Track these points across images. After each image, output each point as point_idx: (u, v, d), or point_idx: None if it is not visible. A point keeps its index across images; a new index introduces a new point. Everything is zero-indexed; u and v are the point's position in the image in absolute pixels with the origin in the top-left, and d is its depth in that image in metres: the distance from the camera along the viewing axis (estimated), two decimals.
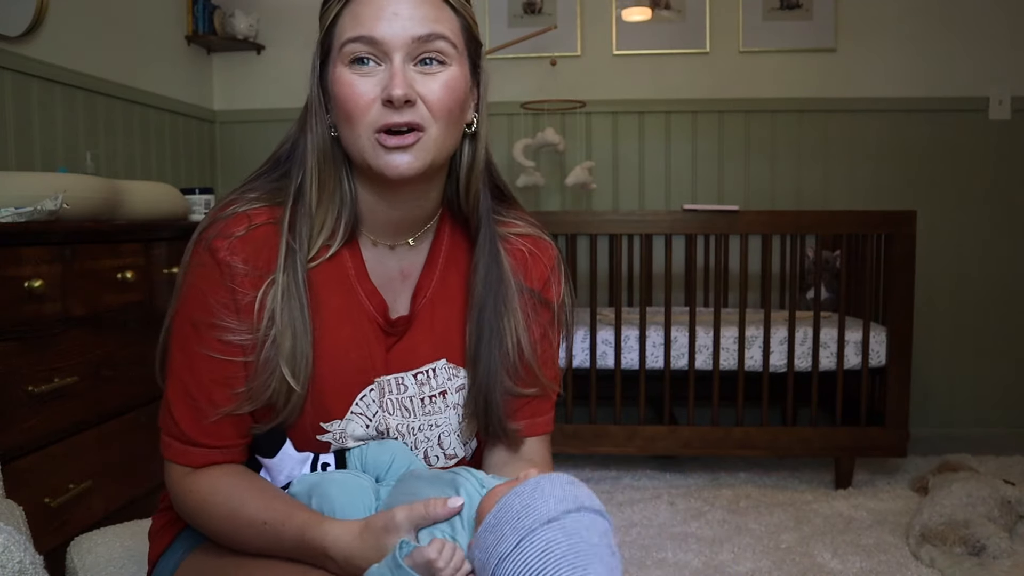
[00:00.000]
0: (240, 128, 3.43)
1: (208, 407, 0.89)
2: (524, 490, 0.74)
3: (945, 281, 3.28)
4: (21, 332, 1.57)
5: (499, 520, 0.73)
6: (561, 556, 0.68)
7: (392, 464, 0.93)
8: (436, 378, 0.97)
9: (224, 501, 0.88)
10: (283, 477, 0.94)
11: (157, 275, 2.06)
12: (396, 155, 0.86)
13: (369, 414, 0.94)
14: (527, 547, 0.69)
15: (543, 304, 1.00)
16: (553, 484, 0.74)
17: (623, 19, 3.30)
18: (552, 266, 1.02)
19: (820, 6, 3.25)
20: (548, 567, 0.68)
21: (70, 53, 2.42)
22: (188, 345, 0.89)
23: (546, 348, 1.00)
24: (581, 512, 0.72)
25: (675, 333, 2.76)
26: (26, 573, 0.81)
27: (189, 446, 0.90)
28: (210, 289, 0.88)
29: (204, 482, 0.90)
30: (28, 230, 1.58)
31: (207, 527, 0.91)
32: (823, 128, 3.30)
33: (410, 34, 0.85)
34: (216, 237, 0.88)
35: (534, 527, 0.70)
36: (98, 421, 1.82)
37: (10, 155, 2.18)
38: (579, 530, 0.70)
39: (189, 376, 0.89)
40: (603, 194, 3.36)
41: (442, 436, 0.97)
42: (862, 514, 2.47)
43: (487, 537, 0.73)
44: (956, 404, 3.32)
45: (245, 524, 0.87)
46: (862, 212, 2.72)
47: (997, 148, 3.24)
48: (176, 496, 0.92)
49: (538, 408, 1.01)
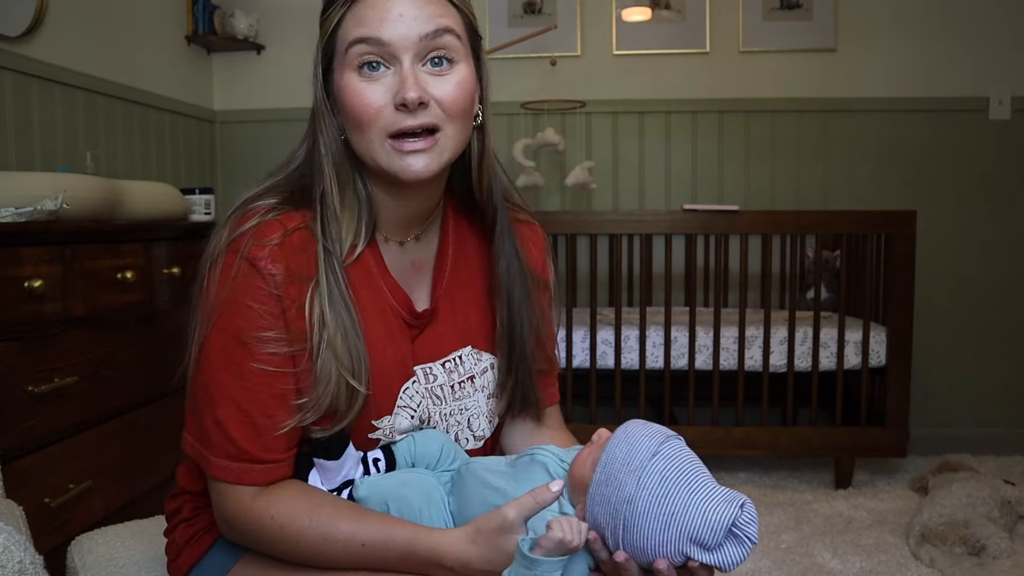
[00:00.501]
0: (240, 128, 3.43)
1: (266, 422, 0.86)
2: (618, 441, 0.83)
3: (945, 281, 3.28)
4: (21, 332, 1.57)
5: (609, 473, 0.81)
6: (676, 477, 0.79)
7: (441, 454, 0.95)
8: (463, 364, 1.00)
9: (310, 526, 0.85)
10: (340, 478, 0.93)
11: (157, 275, 2.06)
12: (412, 158, 0.86)
13: (413, 405, 0.96)
14: (646, 481, 0.79)
15: (543, 285, 1.06)
16: (637, 427, 0.85)
17: (623, 19, 3.30)
18: (544, 247, 1.09)
19: (820, 6, 3.25)
20: (670, 489, 0.78)
21: (70, 53, 2.42)
22: (236, 361, 0.85)
23: (549, 326, 1.07)
24: (670, 440, 0.83)
25: (675, 333, 2.76)
26: (26, 573, 0.81)
27: (252, 464, 0.87)
28: (255, 300, 0.85)
29: (280, 508, 0.86)
30: (28, 230, 1.58)
31: (289, 553, 0.87)
32: (823, 128, 3.30)
33: (417, 33, 0.85)
34: (253, 246, 0.86)
35: (644, 464, 0.80)
36: (98, 421, 1.82)
37: (10, 155, 2.18)
38: (677, 453, 0.82)
39: (242, 393, 0.85)
40: (603, 194, 3.36)
41: (471, 419, 1.01)
42: (862, 514, 2.47)
43: (604, 491, 0.81)
44: (956, 404, 3.32)
45: (341, 548, 0.85)
46: (862, 212, 2.72)
47: (997, 148, 3.24)
48: (245, 523, 0.87)
49: (549, 380, 1.08)
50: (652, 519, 0.78)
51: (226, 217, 0.91)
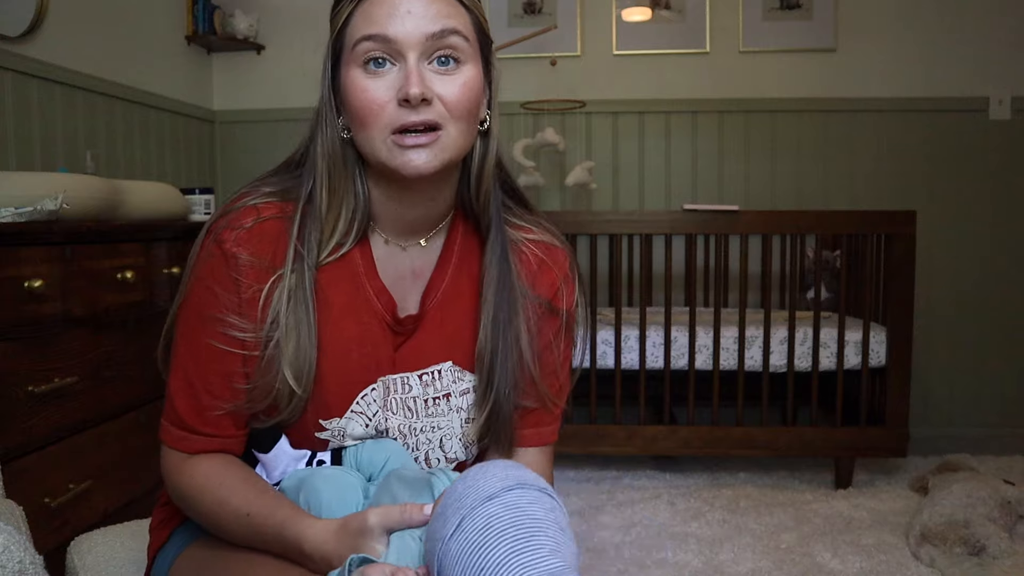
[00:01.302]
0: (240, 128, 3.43)
1: (207, 397, 0.89)
2: (468, 474, 0.75)
3: (945, 281, 3.28)
4: (21, 332, 1.57)
5: (444, 506, 0.74)
6: (502, 529, 0.68)
7: (386, 464, 0.92)
8: (441, 380, 0.96)
9: (213, 489, 0.89)
10: (278, 473, 0.94)
11: (157, 275, 2.06)
12: (413, 153, 0.85)
13: (369, 413, 0.93)
14: (468, 524, 0.69)
15: (551, 313, 0.98)
16: (496, 466, 0.75)
17: (623, 19, 3.30)
18: (564, 274, 1.00)
19: (820, 6, 3.25)
20: (490, 539, 0.68)
21: (70, 53, 2.42)
22: (192, 335, 0.90)
23: (549, 359, 0.98)
24: (524, 488, 0.72)
25: (675, 333, 2.76)
26: (26, 573, 0.81)
27: (188, 433, 0.91)
28: (215, 280, 0.89)
29: (198, 470, 0.90)
30: (28, 230, 1.58)
31: (196, 514, 0.92)
32: (823, 128, 3.30)
33: (424, 31, 0.84)
34: (224, 228, 0.89)
35: (474, 506, 0.70)
36: (98, 421, 1.82)
37: (10, 155, 2.18)
38: (521, 504, 0.70)
39: (192, 365, 0.90)
40: (603, 194, 3.36)
41: (444, 439, 0.96)
42: (862, 514, 2.47)
43: (434, 524, 0.74)
44: (956, 404, 3.32)
45: (231, 515, 0.87)
46: (862, 212, 2.72)
47: (997, 148, 3.24)
48: (170, 481, 0.93)
49: (541, 419, 1.00)
50: (460, 570, 0.68)
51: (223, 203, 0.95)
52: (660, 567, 2.12)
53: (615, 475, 2.86)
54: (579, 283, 1.02)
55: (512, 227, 0.99)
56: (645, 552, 2.21)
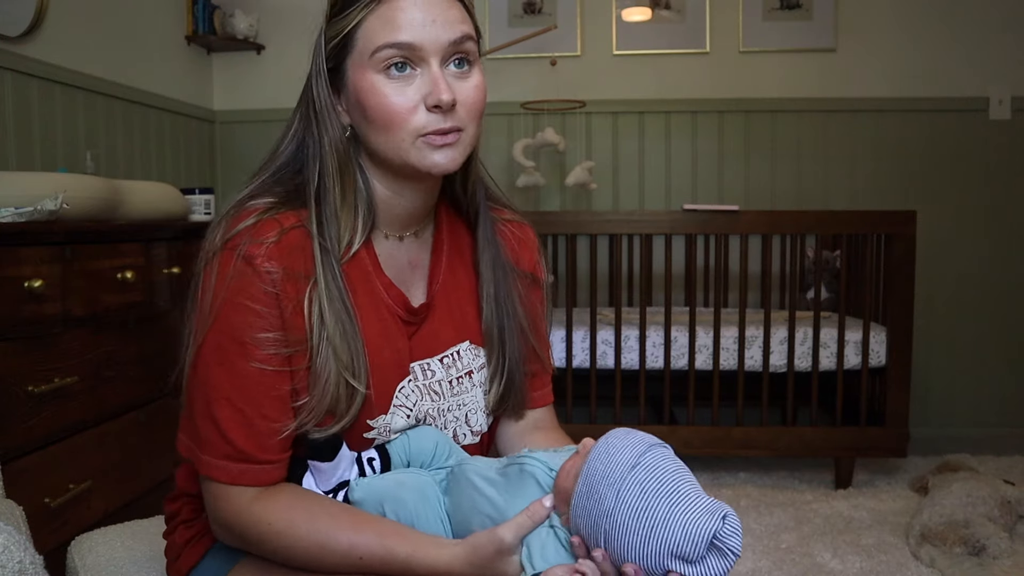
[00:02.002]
0: (240, 128, 3.43)
1: (262, 422, 0.86)
2: (599, 452, 0.82)
3: (945, 281, 3.28)
4: (21, 332, 1.57)
5: (590, 485, 0.80)
6: (656, 489, 0.77)
7: (436, 450, 0.95)
8: (461, 359, 1.01)
9: (308, 535, 0.85)
10: (335, 479, 0.93)
11: (157, 275, 2.06)
12: (440, 153, 0.88)
13: (409, 405, 0.96)
14: (625, 494, 0.77)
15: (535, 284, 1.07)
16: (619, 438, 0.83)
17: (623, 19, 3.30)
18: (537, 248, 1.09)
19: (820, 6, 3.25)
20: (650, 501, 0.77)
21: (70, 53, 2.42)
22: (233, 360, 0.85)
23: (541, 326, 1.07)
24: (653, 449, 0.82)
25: (675, 333, 2.76)
26: (26, 573, 0.81)
27: (248, 464, 0.86)
28: (252, 299, 0.85)
29: (277, 513, 0.86)
30: (28, 230, 1.58)
31: (285, 559, 0.87)
32: (823, 128, 3.30)
33: (446, 38, 0.87)
34: (249, 244, 0.85)
35: (624, 476, 0.78)
36: (98, 421, 1.82)
37: (10, 155, 2.18)
38: (659, 463, 0.80)
39: (238, 393, 0.85)
40: (603, 194, 3.36)
41: (469, 414, 1.01)
42: (862, 514, 2.47)
43: (585, 503, 0.80)
44: (956, 404, 3.32)
45: (339, 560, 0.85)
46: (862, 212, 2.72)
47: (997, 148, 3.24)
48: (241, 526, 0.87)
49: (543, 381, 1.09)
50: (632, 533, 0.76)
51: (221, 216, 0.91)
52: None
53: None
54: (542, 254, 1.11)
55: (491, 210, 1.05)
56: None
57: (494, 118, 3.33)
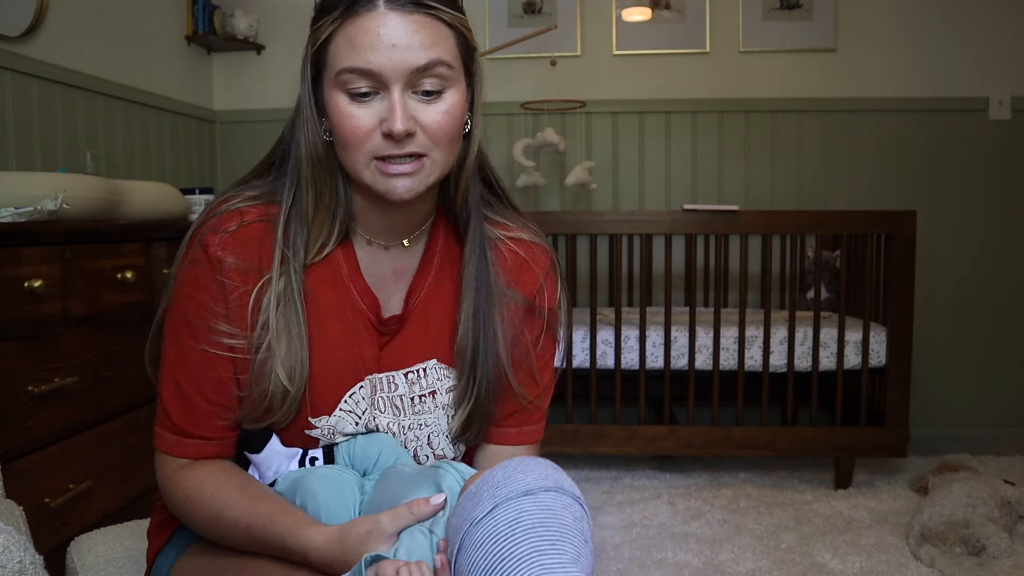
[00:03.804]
0: (240, 128, 3.43)
1: (200, 400, 0.90)
2: (509, 465, 0.77)
3: (945, 281, 3.28)
4: (21, 332, 1.57)
5: (479, 488, 0.76)
6: (531, 527, 0.70)
7: (379, 457, 0.93)
8: (426, 378, 0.97)
9: (209, 501, 0.89)
10: (271, 473, 0.94)
11: (157, 275, 2.06)
12: (397, 180, 0.86)
13: (359, 411, 0.94)
14: (500, 513, 0.71)
15: (532, 313, 0.99)
16: (537, 464, 0.77)
17: (623, 19, 3.30)
18: (546, 272, 1.00)
19: (820, 6, 3.25)
20: (517, 533, 0.70)
21: (70, 53, 2.42)
22: (180, 339, 0.90)
23: (527, 363, 0.99)
24: (560, 492, 0.74)
25: (675, 333, 2.76)
26: (26, 573, 0.81)
27: (181, 437, 0.91)
28: (201, 285, 0.89)
29: (192, 480, 0.90)
30: (28, 230, 1.58)
31: (194, 525, 0.92)
32: (823, 128, 3.30)
33: (409, 65, 0.83)
34: (208, 233, 0.89)
35: (511, 496, 0.72)
36: (98, 421, 1.82)
37: (10, 155, 2.18)
38: (553, 507, 0.72)
39: (181, 370, 0.90)
40: (603, 194, 3.36)
41: (431, 436, 0.97)
42: (862, 514, 2.47)
43: (465, 504, 0.76)
44: (956, 404, 3.32)
45: (230, 526, 0.88)
46: (862, 212, 2.72)
47: (997, 148, 3.24)
48: (165, 490, 0.93)
49: (527, 417, 1.01)
50: (482, 554, 0.70)
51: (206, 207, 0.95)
52: (660, 567, 2.12)
53: (615, 475, 2.86)
54: (561, 281, 1.02)
55: (492, 224, 0.99)
56: (645, 552, 2.21)
57: (494, 118, 3.33)
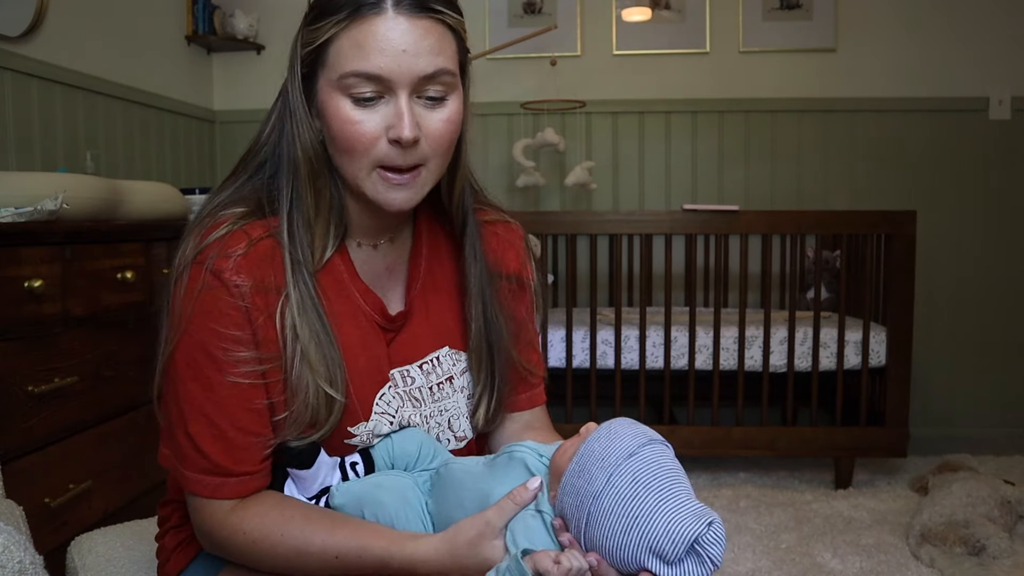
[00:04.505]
0: (240, 128, 3.43)
1: (238, 435, 0.86)
2: (600, 435, 0.81)
3: (945, 281, 3.28)
4: (21, 332, 1.57)
5: (584, 464, 0.79)
6: (648, 481, 0.76)
7: (420, 451, 0.94)
8: (441, 365, 0.99)
9: (282, 540, 0.85)
10: (316, 485, 0.92)
11: (157, 275, 2.06)
12: (396, 191, 0.87)
13: (391, 411, 0.95)
14: (617, 480, 0.76)
15: (522, 287, 1.04)
16: (623, 425, 0.82)
17: (623, 19, 3.30)
18: (523, 247, 1.06)
19: (820, 6, 3.25)
20: (639, 491, 0.75)
21: (70, 53, 2.42)
22: (203, 373, 0.85)
23: (529, 331, 1.04)
24: (654, 443, 0.80)
25: (675, 333, 2.75)
26: (26, 573, 0.81)
27: (225, 478, 0.86)
28: (222, 313, 0.84)
29: (252, 522, 0.86)
30: (28, 230, 1.58)
31: (269, 567, 0.87)
32: (823, 128, 3.30)
33: (417, 72, 0.83)
34: (218, 258, 0.85)
35: (619, 462, 0.77)
36: (98, 421, 1.82)
37: (10, 155, 2.18)
38: (657, 458, 0.79)
39: (211, 406, 0.85)
40: (603, 194, 3.36)
41: (451, 420, 0.99)
42: (862, 514, 2.47)
43: (576, 482, 0.79)
44: (956, 404, 3.32)
45: (315, 561, 0.85)
46: (862, 212, 2.72)
47: (997, 148, 3.24)
48: (218, 536, 0.88)
49: (532, 382, 1.06)
50: (615, 519, 0.75)
51: (191, 226, 0.90)
52: None
53: None
54: (530, 255, 1.07)
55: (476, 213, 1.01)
56: None
57: (494, 118, 3.33)
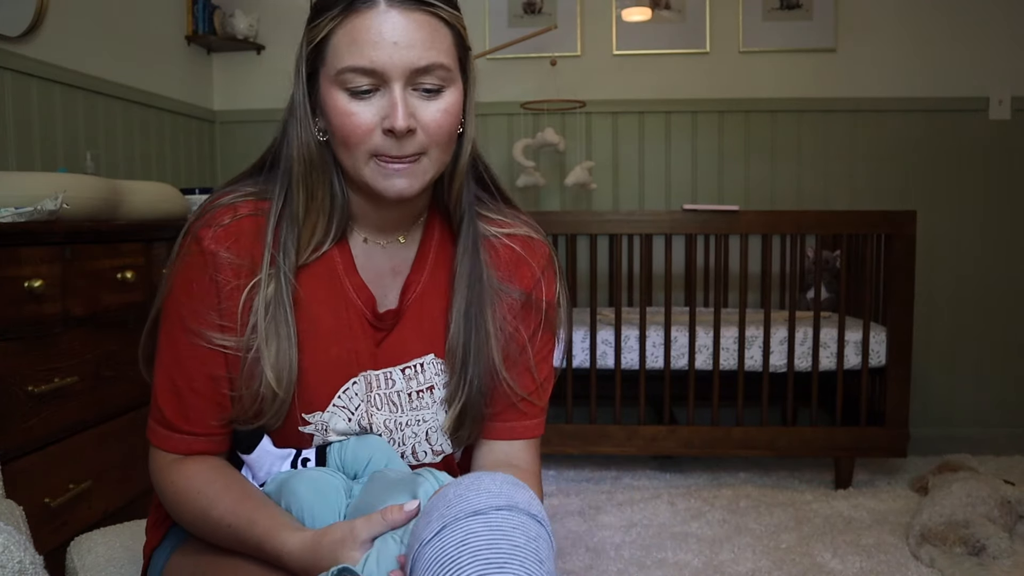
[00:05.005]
0: (240, 128, 3.43)
1: (191, 396, 0.90)
2: (462, 482, 0.75)
3: (945, 281, 3.28)
4: (21, 332, 1.57)
5: (431, 507, 0.74)
6: (478, 549, 0.67)
7: (371, 461, 0.93)
8: (423, 373, 0.97)
9: (196, 498, 0.89)
10: (263, 473, 0.94)
11: (157, 275, 2.06)
12: (395, 179, 0.87)
13: (352, 407, 0.94)
14: (447, 535, 0.69)
15: (529, 308, 0.99)
16: (493, 480, 0.74)
17: (623, 19, 3.30)
18: (543, 267, 1.00)
19: (820, 6, 3.25)
20: (463, 557, 0.67)
21: (70, 53, 2.42)
22: (173, 334, 0.91)
23: (523, 358, 0.98)
24: (512, 511, 0.71)
25: (675, 333, 2.76)
26: (26, 573, 0.81)
27: (172, 432, 0.92)
28: (194, 277, 0.89)
29: (181, 475, 0.91)
30: (28, 230, 1.58)
31: (181, 520, 0.93)
32: (823, 128, 3.30)
33: (410, 65, 0.84)
34: (202, 227, 0.90)
35: (459, 516, 0.70)
36: (98, 421, 1.82)
37: (10, 155, 2.18)
38: (504, 528, 0.69)
39: (174, 364, 0.91)
40: (603, 194, 3.36)
41: (429, 432, 0.97)
42: (862, 514, 2.47)
43: (418, 523, 0.75)
44: (956, 404, 3.32)
45: (213, 524, 0.88)
46: (862, 212, 2.72)
47: (997, 148, 3.24)
48: (156, 485, 0.94)
49: (522, 413, 0.99)
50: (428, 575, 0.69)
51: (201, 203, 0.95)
52: (660, 567, 2.12)
53: (615, 475, 2.86)
54: (560, 278, 1.02)
55: (487, 222, 0.99)
56: (645, 552, 2.21)
57: (494, 118, 3.33)
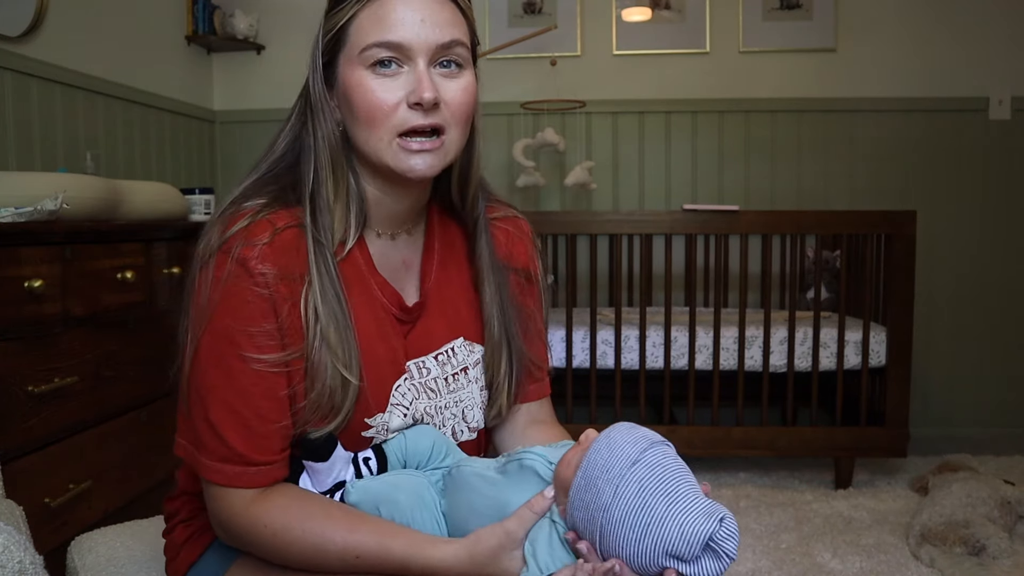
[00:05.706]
0: (240, 128, 3.43)
1: (259, 424, 0.86)
2: (601, 446, 0.82)
3: (945, 281, 3.28)
4: (21, 332, 1.57)
5: (589, 478, 0.80)
6: (655, 487, 0.77)
7: (433, 449, 0.95)
8: (456, 356, 1.00)
9: (303, 536, 0.85)
10: (331, 480, 0.92)
11: (157, 275, 2.06)
12: (418, 157, 0.88)
13: (406, 403, 0.96)
14: (623, 490, 0.77)
15: (530, 281, 1.07)
16: (622, 432, 0.83)
17: (623, 19, 3.30)
18: (531, 241, 1.09)
19: (820, 6, 3.25)
20: (647, 498, 0.77)
21: (70, 53, 2.42)
22: (226, 362, 0.85)
23: (537, 323, 1.07)
24: (655, 447, 0.81)
25: (675, 333, 2.76)
26: (26, 573, 0.81)
27: (246, 467, 0.86)
28: (247, 301, 0.85)
29: (274, 515, 0.86)
30: (28, 230, 1.58)
31: (286, 562, 0.87)
32: (823, 128, 3.30)
33: (435, 40, 0.87)
34: (243, 247, 0.85)
35: (623, 472, 0.78)
36: (98, 421, 1.82)
37: (10, 155, 2.18)
38: (659, 460, 0.80)
39: (234, 395, 0.85)
40: (603, 194, 3.36)
41: (466, 410, 1.01)
42: (862, 514, 2.47)
43: (584, 496, 0.80)
44: (956, 404, 3.32)
45: (335, 560, 0.85)
46: (862, 212, 2.72)
47: (997, 148, 3.24)
48: (237, 528, 0.87)
49: (538, 375, 1.08)
50: (628, 529, 0.76)
51: (215, 217, 0.91)
52: None
53: None
54: (536, 248, 1.10)
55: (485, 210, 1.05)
56: None
57: (494, 118, 3.33)
